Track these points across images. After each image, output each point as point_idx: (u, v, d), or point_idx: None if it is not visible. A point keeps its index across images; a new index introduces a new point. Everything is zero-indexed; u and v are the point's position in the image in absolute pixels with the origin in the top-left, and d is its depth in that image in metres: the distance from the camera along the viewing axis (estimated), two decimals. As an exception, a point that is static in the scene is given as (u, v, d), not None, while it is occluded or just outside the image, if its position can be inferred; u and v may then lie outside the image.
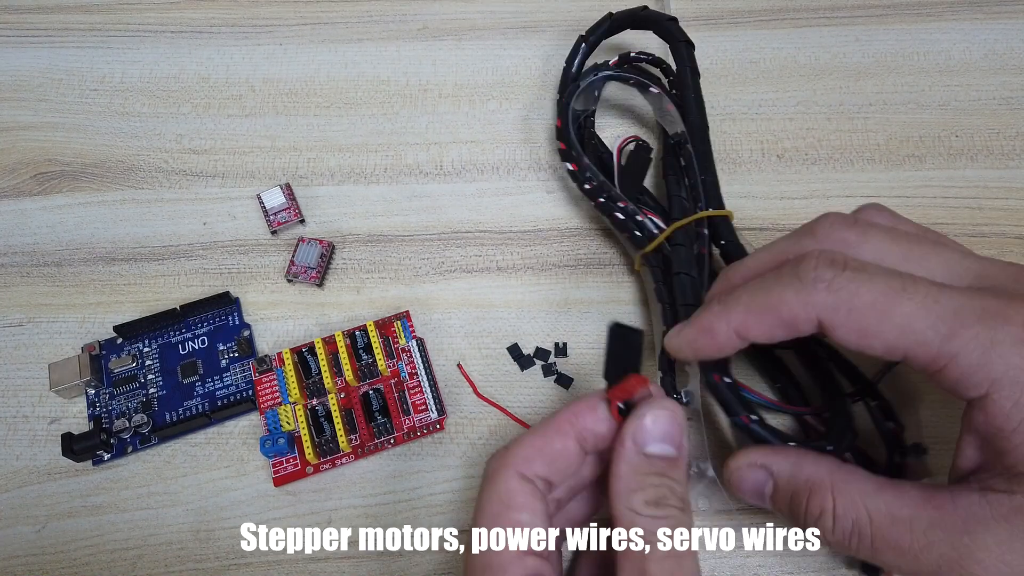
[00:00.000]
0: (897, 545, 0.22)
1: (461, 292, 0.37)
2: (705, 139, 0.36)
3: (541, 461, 0.24)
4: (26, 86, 0.43)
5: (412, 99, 0.43)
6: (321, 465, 0.33)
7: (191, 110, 0.42)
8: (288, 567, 0.31)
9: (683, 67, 0.37)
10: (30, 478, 0.33)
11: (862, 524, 0.22)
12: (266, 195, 0.38)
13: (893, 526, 0.22)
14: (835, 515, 0.23)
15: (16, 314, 0.37)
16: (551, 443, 0.24)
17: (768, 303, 0.23)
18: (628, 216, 0.35)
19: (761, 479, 0.25)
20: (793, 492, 0.24)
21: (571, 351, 0.35)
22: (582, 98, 0.39)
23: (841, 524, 0.23)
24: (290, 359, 0.34)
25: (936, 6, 0.45)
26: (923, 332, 0.21)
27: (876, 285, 0.22)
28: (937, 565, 0.21)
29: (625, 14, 0.39)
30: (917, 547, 0.21)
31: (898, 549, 0.21)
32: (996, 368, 0.20)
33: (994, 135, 0.41)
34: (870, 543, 0.22)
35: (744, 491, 0.26)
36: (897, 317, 0.21)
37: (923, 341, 0.21)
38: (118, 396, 0.35)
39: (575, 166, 0.37)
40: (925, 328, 0.21)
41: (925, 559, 0.21)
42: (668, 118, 0.37)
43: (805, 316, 0.22)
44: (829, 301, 0.22)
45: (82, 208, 0.40)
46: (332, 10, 0.46)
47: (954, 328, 0.21)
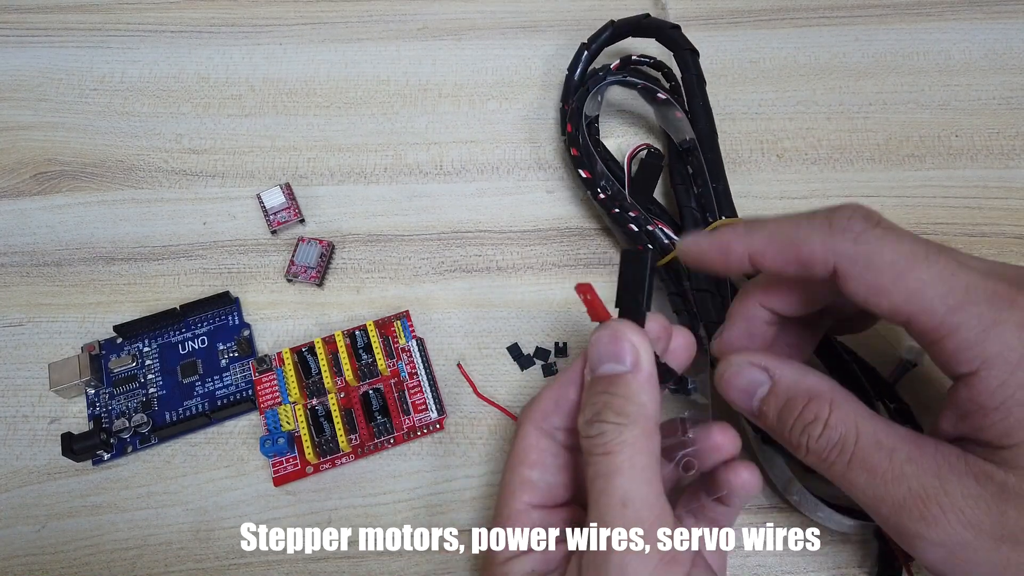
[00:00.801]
0: (872, 468, 0.22)
1: (461, 292, 0.37)
2: (715, 146, 0.36)
3: (558, 414, 0.26)
4: (26, 86, 0.43)
5: (412, 99, 0.43)
6: (321, 465, 0.33)
7: (191, 110, 0.42)
8: (288, 567, 0.31)
9: (689, 75, 0.37)
10: (30, 478, 0.33)
11: (848, 439, 0.23)
12: (266, 195, 0.38)
13: (875, 449, 0.22)
14: (827, 423, 0.23)
15: (16, 314, 0.37)
16: (567, 394, 0.26)
17: (793, 237, 0.24)
18: (640, 227, 0.34)
19: (758, 379, 0.25)
20: (790, 397, 0.24)
21: (571, 351, 0.35)
22: (587, 104, 0.39)
23: (829, 434, 0.23)
24: (290, 359, 0.34)
25: (936, 6, 0.45)
26: (931, 300, 0.21)
27: (902, 246, 0.22)
28: (902, 497, 0.22)
29: (627, 22, 0.39)
30: (890, 475, 0.22)
31: (871, 472, 0.22)
32: (991, 347, 0.21)
33: (994, 135, 0.41)
34: (847, 459, 0.22)
35: (735, 387, 0.26)
36: (911, 282, 0.22)
37: (929, 309, 0.21)
38: (118, 396, 0.35)
39: (588, 173, 0.36)
40: (934, 297, 0.21)
41: (893, 488, 0.22)
42: (675, 125, 0.37)
43: (823, 259, 0.23)
44: (851, 251, 0.22)
45: (82, 208, 0.40)
46: (332, 10, 0.46)
47: (962, 302, 0.21)
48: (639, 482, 0.22)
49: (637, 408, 0.23)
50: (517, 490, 0.26)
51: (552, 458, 0.26)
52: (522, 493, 0.26)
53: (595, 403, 0.24)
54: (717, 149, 0.36)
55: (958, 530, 0.21)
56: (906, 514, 0.22)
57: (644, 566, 0.21)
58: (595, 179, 0.36)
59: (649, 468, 0.23)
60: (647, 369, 0.24)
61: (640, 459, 0.22)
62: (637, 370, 0.24)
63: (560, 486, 0.26)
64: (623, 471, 0.22)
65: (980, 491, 0.21)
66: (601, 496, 0.22)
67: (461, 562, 0.31)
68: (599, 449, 0.23)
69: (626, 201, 0.35)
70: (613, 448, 0.23)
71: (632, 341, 0.24)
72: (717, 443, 0.25)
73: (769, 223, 0.25)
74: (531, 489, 0.26)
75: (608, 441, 0.23)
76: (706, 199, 0.35)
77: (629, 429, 0.23)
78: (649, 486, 0.22)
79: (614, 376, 0.24)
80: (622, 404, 0.23)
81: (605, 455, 0.23)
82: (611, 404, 0.23)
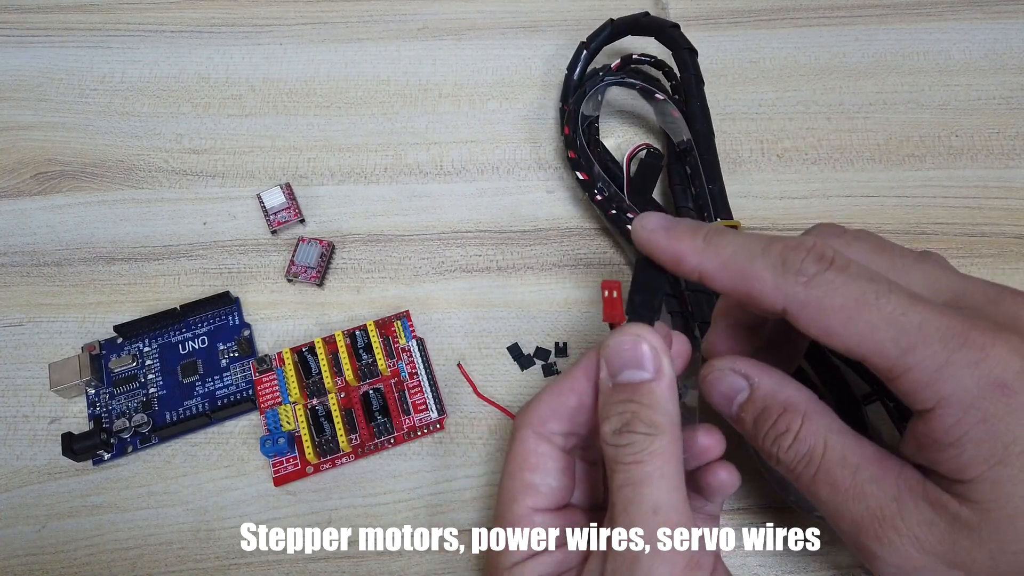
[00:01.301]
0: (835, 484, 0.22)
1: (461, 292, 0.37)
2: (711, 147, 0.36)
3: (556, 419, 0.26)
4: (26, 86, 0.43)
5: (412, 99, 0.43)
6: (321, 465, 0.33)
7: (191, 110, 0.42)
8: (288, 567, 0.31)
9: (687, 75, 0.37)
10: (30, 478, 0.33)
11: (815, 453, 0.23)
12: (266, 195, 0.38)
13: (840, 465, 0.23)
14: (797, 436, 0.23)
15: (16, 314, 0.37)
16: (565, 400, 0.26)
17: (745, 272, 0.23)
18: None
19: (738, 385, 0.25)
20: (767, 406, 0.24)
21: (571, 351, 0.35)
22: (587, 104, 0.39)
23: (797, 447, 0.23)
24: (290, 359, 0.34)
25: (936, 6, 0.45)
26: (883, 343, 0.21)
27: (851, 290, 0.22)
28: (861, 515, 0.22)
29: (627, 20, 0.39)
30: (851, 492, 0.22)
31: (834, 487, 0.22)
32: (945, 387, 0.21)
33: (994, 135, 0.41)
34: (813, 473, 0.23)
35: (717, 391, 0.26)
36: (862, 325, 0.21)
37: (881, 351, 0.21)
38: (118, 396, 0.35)
39: (586, 176, 0.36)
40: (885, 340, 0.21)
41: (852, 506, 0.22)
42: (673, 125, 0.37)
43: (772, 300, 0.23)
44: (802, 296, 0.22)
45: (82, 208, 0.40)
46: (332, 10, 0.46)
47: (914, 343, 0.21)
48: (668, 489, 0.22)
49: (665, 417, 0.23)
50: (519, 495, 0.26)
51: (552, 462, 0.26)
52: (524, 497, 0.26)
53: (622, 413, 0.23)
54: (714, 150, 0.36)
55: (912, 554, 0.21)
56: (863, 533, 0.22)
57: (671, 568, 0.21)
58: (592, 181, 0.36)
59: (677, 475, 0.23)
60: (669, 375, 0.24)
61: (669, 468, 0.23)
62: (660, 377, 0.24)
63: (560, 490, 0.26)
64: (653, 479, 0.22)
65: (935, 518, 0.21)
66: (631, 504, 0.22)
67: (461, 562, 0.31)
68: (628, 458, 0.23)
69: (624, 203, 0.35)
70: (643, 458, 0.23)
71: (653, 345, 0.24)
72: (703, 446, 0.26)
73: (728, 246, 0.24)
74: (533, 493, 0.26)
75: (639, 451, 0.23)
76: (703, 200, 0.35)
77: (659, 439, 0.23)
78: (678, 493, 0.23)
79: (638, 384, 0.24)
80: (650, 414, 0.23)
81: (635, 464, 0.23)
82: (639, 414, 0.23)
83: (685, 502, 0.23)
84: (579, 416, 0.26)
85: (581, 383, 0.25)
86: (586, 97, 0.38)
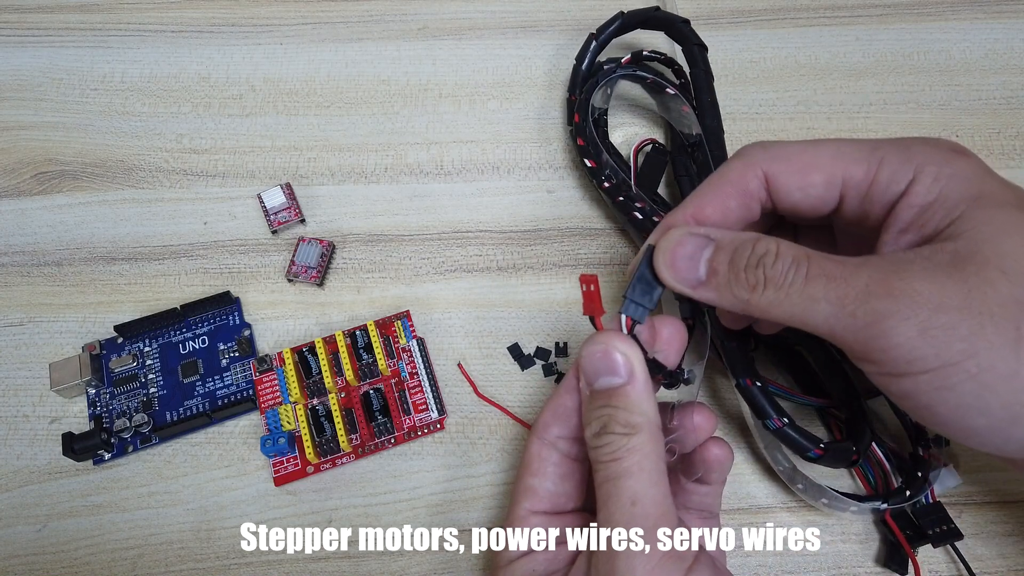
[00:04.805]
0: (830, 272, 0.22)
1: (461, 292, 0.37)
2: (720, 143, 0.36)
3: (557, 423, 0.27)
4: (26, 86, 0.43)
5: (412, 99, 0.43)
6: (321, 465, 0.33)
7: (191, 110, 0.42)
8: (288, 567, 0.31)
9: (697, 70, 0.37)
10: (31, 478, 0.33)
11: (800, 257, 0.23)
12: (266, 195, 0.38)
13: (827, 259, 0.23)
14: (778, 253, 0.23)
15: (16, 314, 0.37)
16: (564, 403, 0.27)
17: (717, 179, 0.26)
18: (646, 217, 0.35)
19: (702, 243, 0.25)
20: (739, 243, 0.24)
21: (571, 351, 0.35)
22: (596, 95, 0.39)
23: (783, 259, 0.23)
24: (290, 359, 0.34)
25: (936, 6, 0.45)
26: (851, 152, 0.24)
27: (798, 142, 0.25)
28: (864, 284, 0.22)
29: (637, 14, 0.39)
30: (848, 271, 0.22)
31: (830, 275, 0.22)
32: (916, 159, 0.24)
33: (994, 135, 0.41)
34: (804, 273, 0.23)
35: (681, 257, 0.25)
36: (827, 148, 0.25)
37: (855, 157, 0.24)
38: (118, 396, 0.35)
39: (593, 163, 0.36)
40: (852, 150, 0.25)
41: (854, 280, 0.22)
42: (683, 120, 0.37)
43: (753, 174, 0.25)
44: (767, 155, 0.25)
45: (82, 208, 0.40)
46: (332, 10, 0.46)
47: (877, 144, 0.24)
48: (647, 483, 0.23)
49: (641, 417, 0.24)
50: (519, 497, 0.27)
51: (553, 467, 0.27)
52: (523, 500, 0.27)
53: (600, 417, 0.24)
54: (723, 145, 0.36)
55: (924, 290, 0.21)
56: (873, 298, 0.21)
57: (648, 562, 0.22)
58: (600, 168, 0.36)
59: (656, 470, 0.23)
60: (642, 377, 0.24)
61: (647, 462, 0.23)
62: (633, 380, 0.24)
63: (563, 494, 0.27)
64: (631, 473, 0.23)
65: (936, 262, 0.22)
66: (610, 498, 0.23)
67: (462, 562, 0.31)
68: (607, 456, 0.24)
69: (631, 191, 0.35)
70: (621, 455, 0.23)
71: (623, 352, 0.24)
72: (696, 424, 0.26)
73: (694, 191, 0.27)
74: (531, 496, 0.27)
75: (616, 449, 0.24)
76: None
77: (635, 437, 0.24)
78: (657, 487, 0.23)
79: (612, 390, 0.24)
80: (626, 416, 0.24)
81: (613, 461, 0.24)
82: (615, 416, 0.24)
83: (666, 496, 0.23)
84: (578, 419, 0.26)
85: (575, 386, 0.26)
86: (597, 87, 0.38)
